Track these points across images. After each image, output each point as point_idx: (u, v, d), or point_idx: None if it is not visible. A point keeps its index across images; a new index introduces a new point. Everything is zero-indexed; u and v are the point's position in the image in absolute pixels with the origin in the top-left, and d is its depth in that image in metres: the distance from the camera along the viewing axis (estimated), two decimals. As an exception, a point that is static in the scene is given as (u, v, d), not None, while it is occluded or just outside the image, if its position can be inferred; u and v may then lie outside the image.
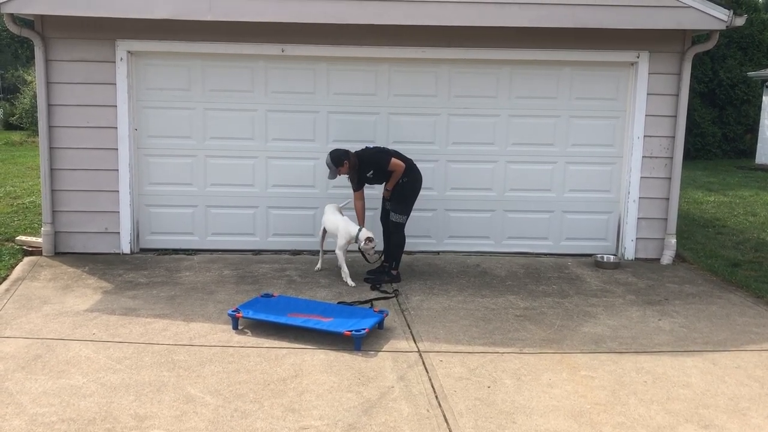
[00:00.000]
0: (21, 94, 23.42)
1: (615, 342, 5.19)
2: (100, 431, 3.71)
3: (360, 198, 6.53)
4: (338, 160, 6.33)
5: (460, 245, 7.73)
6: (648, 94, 7.37)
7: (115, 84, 7.08)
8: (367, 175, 6.43)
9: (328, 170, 6.39)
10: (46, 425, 3.75)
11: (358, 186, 6.51)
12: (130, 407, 3.97)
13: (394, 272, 6.53)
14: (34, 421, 3.80)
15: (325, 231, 6.73)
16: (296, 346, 4.92)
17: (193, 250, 7.50)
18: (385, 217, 6.73)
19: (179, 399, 4.09)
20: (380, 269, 6.65)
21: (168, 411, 3.94)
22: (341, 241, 6.41)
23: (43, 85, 6.97)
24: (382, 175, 6.47)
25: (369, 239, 6.31)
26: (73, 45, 6.99)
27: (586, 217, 7.77)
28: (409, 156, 6.56)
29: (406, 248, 6.71)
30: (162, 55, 7.21)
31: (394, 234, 6.55)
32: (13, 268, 6.68)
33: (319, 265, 6.87)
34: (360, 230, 6.37)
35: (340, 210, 6.70)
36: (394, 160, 6.38)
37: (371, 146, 6.68)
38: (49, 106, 7.03)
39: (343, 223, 6.46)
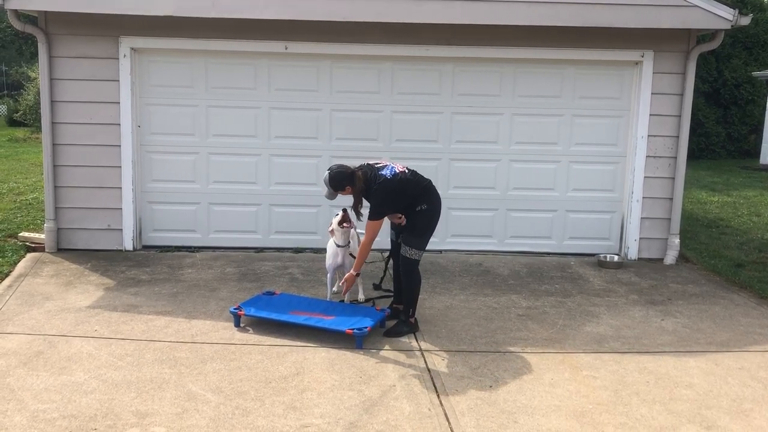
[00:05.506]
0: (25, 90, 23.48)
1: (617, 342, 5.18)
2: (102, 428, 3.71)
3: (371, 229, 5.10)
4: (338, 183, 5.07)
5: (462, 244, 7.72)
6: (652, 93, 7.35)
7: (119, 81, 7.08)
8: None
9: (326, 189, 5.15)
10: (48, 421, 3.75)
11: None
12: (132, 404, 3.97)
13: (411, 320, 5.27)
14: (35, 417, 3.80)
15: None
16: (298, 343, 4.92)
17: (195, 247, 7.50)
18: (395, 251, 5.42)
19: (181, 396, 4.09)
20: (395, 314, 5.38)
21: (169, 408, 3.94)
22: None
23: (47, 82, 6.97)
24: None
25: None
26: (77, 41, 6.99)
27: (590, 217, 7.75)
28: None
29: None
30: (165, 52, 7.21)
31: (406, 274, 5.21)
32: (15, 264, 6.69)
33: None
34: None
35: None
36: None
37: (381, 166, 5.17)
38: (53, 102, 7.04)
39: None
